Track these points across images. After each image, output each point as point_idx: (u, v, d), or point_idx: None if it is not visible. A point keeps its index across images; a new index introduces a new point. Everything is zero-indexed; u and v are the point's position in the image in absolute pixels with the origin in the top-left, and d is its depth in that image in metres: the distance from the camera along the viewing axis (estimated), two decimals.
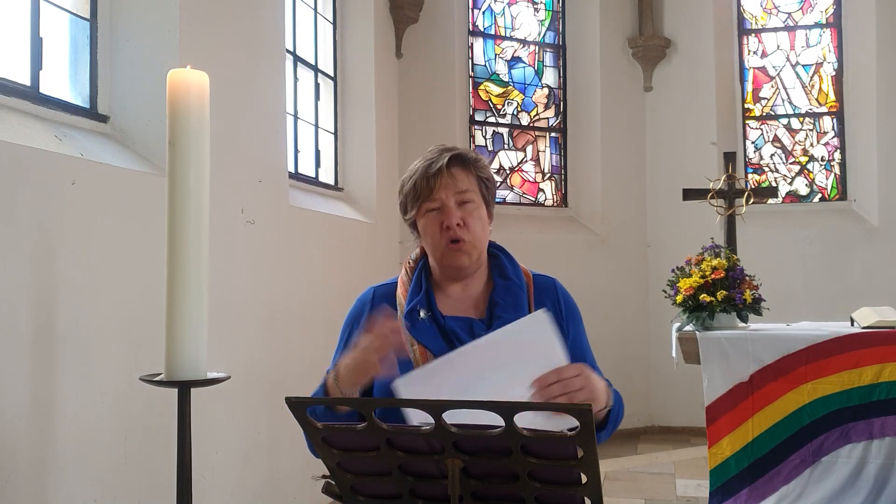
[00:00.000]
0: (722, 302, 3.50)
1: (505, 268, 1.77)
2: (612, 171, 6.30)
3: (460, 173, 1.69)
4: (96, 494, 2.48)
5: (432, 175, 1.67)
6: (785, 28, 6.51)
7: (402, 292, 1.75)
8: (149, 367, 2.07)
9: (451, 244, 1.68)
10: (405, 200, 1.73)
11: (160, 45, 2.93)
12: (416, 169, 1.71)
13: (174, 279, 1.79)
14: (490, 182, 1.76)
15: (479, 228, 1.70)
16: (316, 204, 4.42)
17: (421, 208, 1.71)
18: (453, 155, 1.69)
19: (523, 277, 1.77)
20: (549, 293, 1.77)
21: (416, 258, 1.81)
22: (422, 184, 1.68)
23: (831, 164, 6.34)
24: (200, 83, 1.83)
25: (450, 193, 1.67)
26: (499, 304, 1.70)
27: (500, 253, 1.81)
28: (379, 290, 1.80)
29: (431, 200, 1.68)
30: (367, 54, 5.17)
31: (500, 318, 1.67)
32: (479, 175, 1.72)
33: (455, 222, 1.66)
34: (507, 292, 1.72)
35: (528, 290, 1.75)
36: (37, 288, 2.29)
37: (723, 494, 3.39)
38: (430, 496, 1.36)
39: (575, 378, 1.50)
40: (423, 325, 1.67)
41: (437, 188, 1.67)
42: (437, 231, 1.69)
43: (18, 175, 2.24)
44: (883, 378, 3.26)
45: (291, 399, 1.26)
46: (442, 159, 1.68)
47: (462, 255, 1.69)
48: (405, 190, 1.72)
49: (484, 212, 1.73)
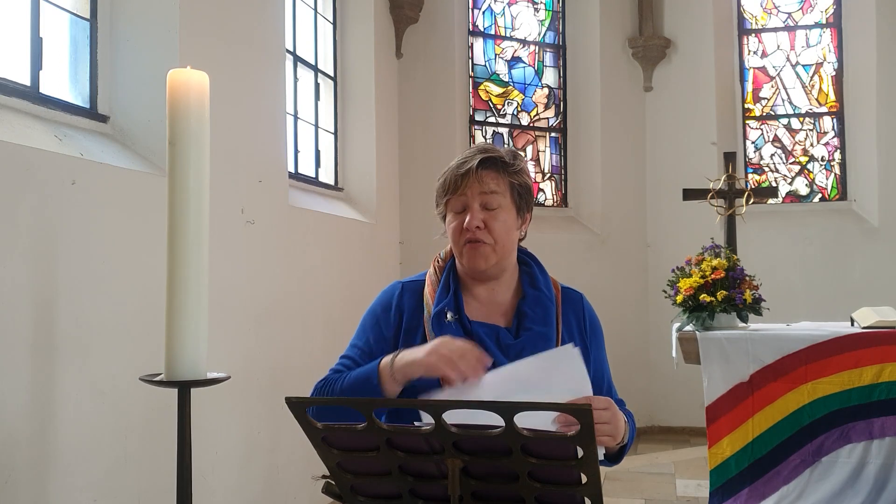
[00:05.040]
0: (722, 302, 3.50)
1: (536, 278, 1.76)
2: (612, 171, 6.30)
3: (490, 175, 1.67)
4: (96, 494, 2.48)
5: (461, 174, 1.67)
6: (785, 28, 6.51)
7: (429, 292, 1.73)
8: (149, 367, 2.07)
9: (468, 244, 1.67)
10: (437, 194, 1.74)
11: (160, 45, 2.93)
12: (452, 165, 1.71)
13: (174, 279, 1.79)
14: (524, 188, 1.74)
15: (502, 232, 1.68)
16: (316, 204, 4.42)
17: (448, 204, 1.71)
18: (485, 157, 1.68)
19: (553, 289, 1.76)
20: (576, 308, 1.77)
21: (446, 257, 1.79)
22: (451, 181, 1.68)
23: (831, 164, 6.34)
24: (200, 83, 1.83)
25: (475, 194, 1.67)
26: (527, 316, 1.69)
27: (531, 262, 1.81)
28: (408, 286, 1.78)
29: (457, 199, 1.68)
30: (367, 54, 5.17)
31: (529, 329, 1.66)
32: (512, 180, 1.70)
33: (475, 224, 1.65)
34: (536, 303, 1.71)
35: (557, 303, 1.73)
36: (37, 288, 2.29)
37: (723, 494, 3.39)
38: (430, 496, 1.36)
39: (603, 411, 1.50)
40: (450, 329, 1.65)
41: (463, 187, 1.67)
42: (458, 229, 1.68)
43: (18, 175, 2.24)
44: (883, 378, 3.26)
45: (291, 399, 1.26)
46: (474, 160, 1.67)
47: (479, 257, 1.67)
48: (438, 184, 1.73)
49: (512, 216, 1.71)
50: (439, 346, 1.52)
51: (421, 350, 1.55)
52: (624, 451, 1.68)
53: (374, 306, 1.78)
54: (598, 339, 1.79)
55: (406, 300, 1.74)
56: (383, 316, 1.74)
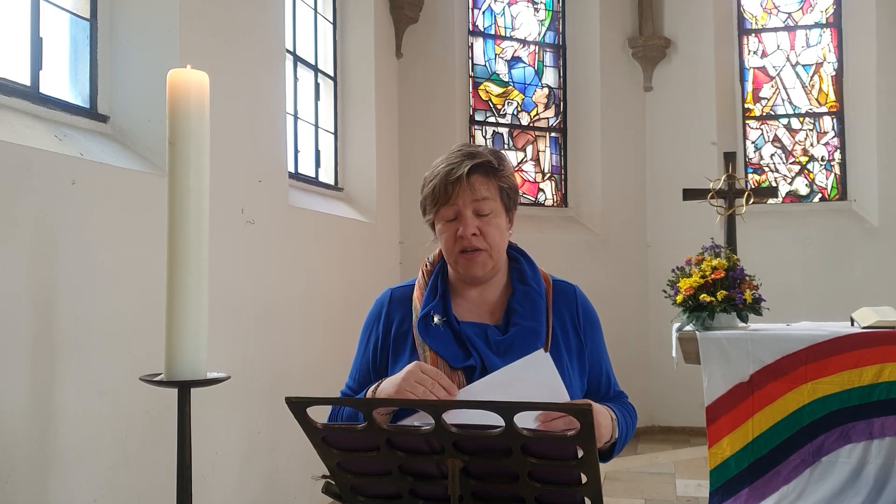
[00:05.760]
0: (722, 302, 3.50)
1: (525, 273, 1.75)
2: (612, 171, 6.30)
3: (480, 182, 1.66)
4: (96, 494, 2.48)
5: (451, 182, 1.64)
6: (785, 28, 6.51)
7: (417, 296, 1.73)
8: (149, 367, 2.07)
9: (463, 254, 1.66)
10: (424, 202, 1.71)
11: (160, 45, 2.93)
12: (437, 172, 1.68)
13: (174, 279, 1.79)
14: (512, 190, 1.73)
15: (496, 237, 1.67)
16: (316, 204, 4.42)
17: (438, 213, 1.68)
18: (475, 164, 1.65)
19: (543, 283, 1.74)
20: (569, 300, 1.75)
21: (434, 261, 1.79)
22: (440, 189, 1.65)
23: (831, 164, 6.34)
24: (200, 83, 1.83)
25: (467, 202, 1.65)
26: (516, 311, 1.68)
27: (520, 256, 1.79)
28: (396, 292, 1.78)
29: (448, 207, 1.66)
30: (367, 54, 5.17)
31: (517, 325, 1.65)
32: (501, 184, 1.69)
33: (470, 232, 1.64)
34: (525, 298, 1.69)
35: (547, 297, 1.72)
36: (37, 288, 2.29)
37: (723, 494, 3.39)
38: (430, 496, 1.36)
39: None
40: (437, 331, 1.65)
41: (454, 195, 1.64)
42: (451, 238, 1.67)
43: (18, 175, 2.24)
44: (883, 378, 3.26)
45: (291, 399, 1.26)
46: (463, 167, 1.64)
47: (476, 265, 1.67)
48: (425, 191, 1.70)
49: (503, 219, 1.70)
50: (407, 376, 1.52)
51: (392, 383, 1.56)
52: (616, 449, 1.67)
53: (368, 319, 1.80)
54: (595, 330, 1.77)
55: (395, 307, 1.74)
56: (374, 328, 1.76)
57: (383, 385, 1.59)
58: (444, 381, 1.50)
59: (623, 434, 1.67)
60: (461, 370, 1.60)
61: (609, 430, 1.59)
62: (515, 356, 1.57)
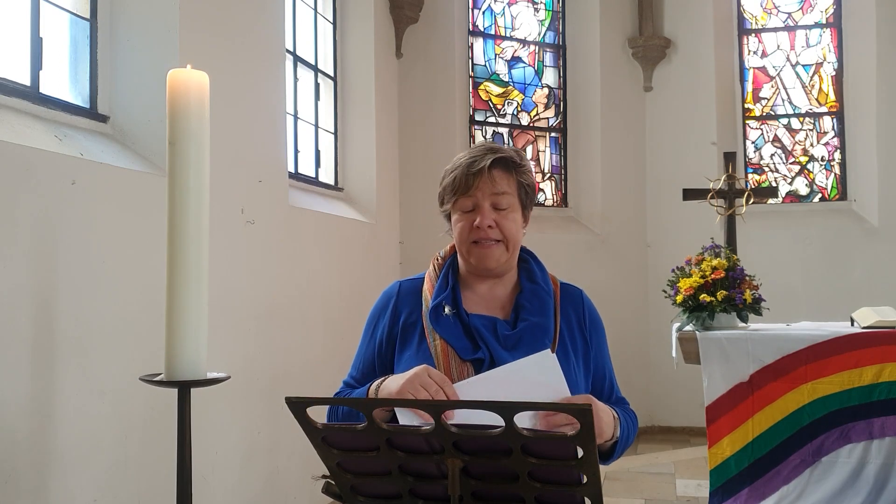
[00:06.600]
0: (722, 302, 3.50)
1: (534, 272, 1.77)
2: (612, 171, 6.30)
3: (501, 176, 1.68)
4: (96, 494, 2.48)
5: (473, 173, 1.67)
6: (785, 28, 6.51)
7: (428, 288, 1.74)
8: (149, 367, 2.07)
9: (476, 244, 1.68)
10: (443, 192, 1.73)
11: (160, 45, 2.93)
12: (460, 163, 1.70)
13: (174, 279, 1.79)
14: (530, 188, 1.75)
15: (513, 230, 1.70)
16: (316, 204, 4.42)
17: (456, 203, 1.70)
18: (497, 158, 1.68)
19: (551, 284, 1.77)
20: (575, 303, 1.77)
21: (445, 255, 1.81)
22: (461, 180, 1.68)
23: (831, 164, 6.34)
24: (200, 83, 1.83)
25: (486, 194, 1.67)
26: (525, 307, 1.70)
27: (529, 258, 1.82)
28: (405, 285, 1.79)
29: (467, 198, 1.68)
30: (367, 54, 5.17)
31: (526, 320, 1.67)
32: (520, 180, 1.71)
33: (487, 223, 1.66)
34: (534, 296, 1.72)
35: (555, 298, 1.74)
36: (37, 288, 2.29)
37: (723, 494, 3.39)
38: (430, 496, 1.36)
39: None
40: (447, 322, 1.66)
41: (474, 187, 1.67)
42: (467, 228, 1.69)
43: (18, 175, 2.24)
44: (883, 378, 3.26)
45: (291, 399, 1.26)
46: (485, 160, 1.67)
47: (489, 256, 1.69)
48: (445, 182, 1.72)
49: (519, 215, 1.73)
50: (413, 378, 1.51)
51: (396, 383, 1.54)
52: (616, 450, 1.67)
53: (374, 311, 1.79)
54: (600, 336, 1.79)
55: (404, 298, 1.75)
56: (381, 318, 1.76)
57: (387, 383, 1.59)
58: (448, 389, 1.49)
59: (624, 437, 1.68)
60: (470, 362, 1.61)
61: (611, 427, 1.60)
62: (524, 351, 1.58)
